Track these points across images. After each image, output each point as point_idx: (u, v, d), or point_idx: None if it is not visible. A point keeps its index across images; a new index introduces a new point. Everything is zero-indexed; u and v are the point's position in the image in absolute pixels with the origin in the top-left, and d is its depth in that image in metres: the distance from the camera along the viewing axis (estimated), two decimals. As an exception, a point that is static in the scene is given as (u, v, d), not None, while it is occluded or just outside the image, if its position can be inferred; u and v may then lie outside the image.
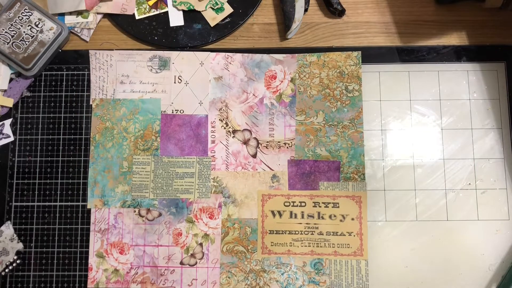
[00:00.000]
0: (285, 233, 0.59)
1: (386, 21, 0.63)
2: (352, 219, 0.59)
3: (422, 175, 0.60)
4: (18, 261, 0.59)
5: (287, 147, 0.61)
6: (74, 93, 0.62)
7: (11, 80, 0.61)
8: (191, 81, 0.62)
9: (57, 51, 0.62)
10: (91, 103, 0.62)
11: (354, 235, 0.59)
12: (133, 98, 0.62)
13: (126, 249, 0.59)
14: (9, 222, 0.60)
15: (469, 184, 0.60)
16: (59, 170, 0.60)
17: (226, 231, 0.59)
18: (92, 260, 0.59)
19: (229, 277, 0.59)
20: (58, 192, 0.60)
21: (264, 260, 0.59)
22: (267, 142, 0.61)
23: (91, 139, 0.61)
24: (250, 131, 0.61)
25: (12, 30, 0.60)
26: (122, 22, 0.62)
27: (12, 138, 0.61)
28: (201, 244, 0.59)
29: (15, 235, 0.59)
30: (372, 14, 0.63)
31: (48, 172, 0.60)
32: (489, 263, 0.59)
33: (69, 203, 0.60)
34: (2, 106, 0.61)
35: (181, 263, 0.59)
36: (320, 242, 0.59)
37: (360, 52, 0.62)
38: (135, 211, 0.60)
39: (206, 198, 0.60)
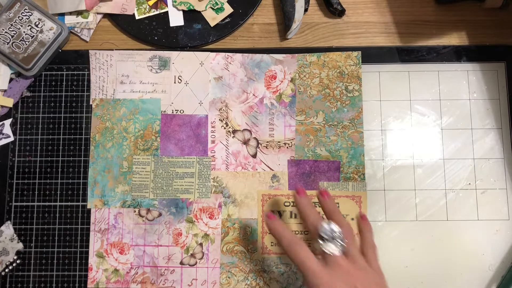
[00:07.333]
0: (285, 233, 0.59)
1: (386, 21, 0.63)
2: (352, 219, 0.59)
3: (422, 175, 0.60)
4: (18, 261, 0.59)
5: (287, 147, 0.61)
6: (74, 93, 0.62)
7: (11, 80, 0.61)
8: (191, 81, 0.62)
9: (57, 51, 0.62)
10: (91, 103, 0.62)
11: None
12: (133, 98, 0.62)
13: (126, 249, 0.59)
14: (9, 222, 0.60)
15: (469, 184, 0.60)
16: (59, 170, 0.60)
17: (226, 231, 0.59)
18: (92, 260, 0.59)
19: (229, 277, 0.59)
20: (58, 192, 0.60)
21: (264, 260, 0.59)
22: (267, 142, 0.61)
23: (91, 139, 0.61)
24: (250, 131, 0.61)
25: (12, 30, 0.60)
26: (122, 22, 0.62)
27: (12, 138, 0.61)
28: (201, 244, 0.59)
29: (15, 235, 0.59)
30: (372, 14, 0.63)
31: (48, 172, 0.60)
32: (489, 263, 0.59)
33: (69, 203, 0.60)
34: (2, 106, 0.61)
35: (181, 263, 0.59)
36: (320, 242, 0.59)
37: (360, 52, 0.62)
38: (135, 211, 0.60)
39: (206, 198, 0.60)
